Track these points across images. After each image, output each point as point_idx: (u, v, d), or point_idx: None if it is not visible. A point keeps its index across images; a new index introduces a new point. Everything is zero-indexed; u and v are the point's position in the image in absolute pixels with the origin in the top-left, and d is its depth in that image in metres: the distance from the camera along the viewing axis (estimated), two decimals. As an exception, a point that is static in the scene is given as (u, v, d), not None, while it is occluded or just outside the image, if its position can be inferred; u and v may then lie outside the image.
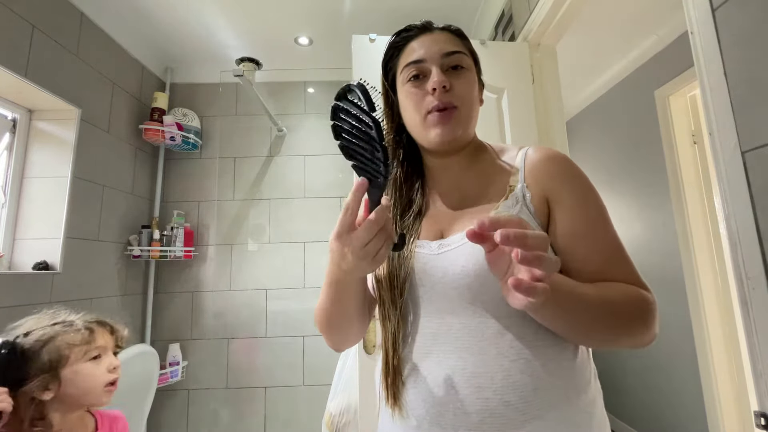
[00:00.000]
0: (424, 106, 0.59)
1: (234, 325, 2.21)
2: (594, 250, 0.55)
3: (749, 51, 0.66)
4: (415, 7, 1.92)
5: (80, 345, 0.85)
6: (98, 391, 0.87)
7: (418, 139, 0.63)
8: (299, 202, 2.34)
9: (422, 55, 0.61)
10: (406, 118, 0.63)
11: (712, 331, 1.86)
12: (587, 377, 0.55)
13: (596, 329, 0.50)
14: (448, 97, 0.59)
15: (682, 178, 2.00)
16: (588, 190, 0.59)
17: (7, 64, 1.40)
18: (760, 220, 0.64)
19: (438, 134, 0.59)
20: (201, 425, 2.12)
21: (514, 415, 0.49)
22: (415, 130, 0.62)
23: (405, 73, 0.62)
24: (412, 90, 0.61)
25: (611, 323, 0.50)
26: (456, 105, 0.59)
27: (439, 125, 0.58)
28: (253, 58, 2.09)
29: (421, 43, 0.62)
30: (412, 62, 0.61)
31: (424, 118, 0.59)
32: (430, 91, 0.59)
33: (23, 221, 1.61)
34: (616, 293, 0.52)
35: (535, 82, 1.48)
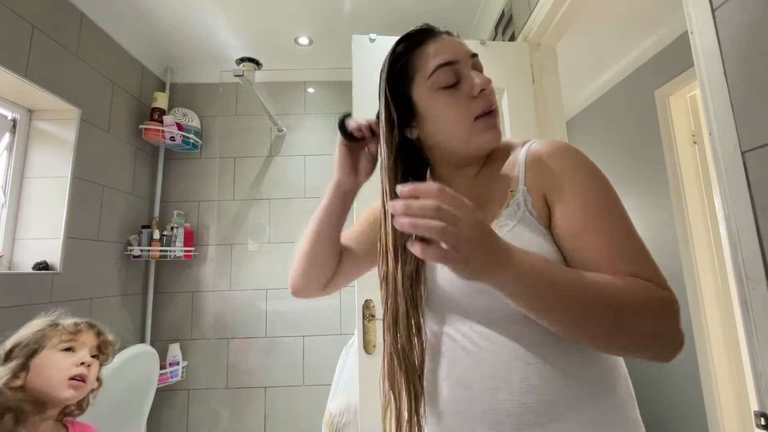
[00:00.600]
0: (470, 111, 0.55)
1: (234, 325, 2.21)
2: (596, 248, 0.48)
3: (749, 51, 0.66)
4: (415, 7, 1.92)
5: (55, 337, 0.85)
6: (61, 383, 0.83)
7: (457, 148, 0.58)
8: (299, 202, 2.34)
9: (454, 56, 0.55)
10: (441, 128, 0.57)
11: (712, 331, 1.86)
12: (614, 381, 0.52)
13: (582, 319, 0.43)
14: (492, 98, 0.56)
15: (682, 178, 2.00)
16: (590, 179, 0.51)
17: (7, 64, 1.40)
18: (760, 220, 0.64)
19: (490, 139, 0.56)
20: (201, 425, 2.12)
21: (532, 416, 0.48)
22: (456, 139, 0.56)
23: (437, 78, 0.55)
24: (450, 97, 0.55)
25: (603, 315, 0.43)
26: (496, 107, 0.57)
27: (492, 130, 0.56)
28: (253, 58, 2.09)
29: (443, 46, 0.56)
30: (444, 64, 0.54)
31: (472, 125, 0.55)
32: (474, 94, 0.55)
33: (23, 221, 1.61)
34: (616, 281, 0.44)
35: (535, 82, 1.48)
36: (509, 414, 0.48)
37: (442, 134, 0.57)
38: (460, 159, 0.60)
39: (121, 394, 1.61)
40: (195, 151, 2.33)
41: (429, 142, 0.59)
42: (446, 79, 0.55)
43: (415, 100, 0.57)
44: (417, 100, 0.57)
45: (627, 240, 0.49)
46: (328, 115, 2.44)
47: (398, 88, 0.58)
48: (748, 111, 0.66)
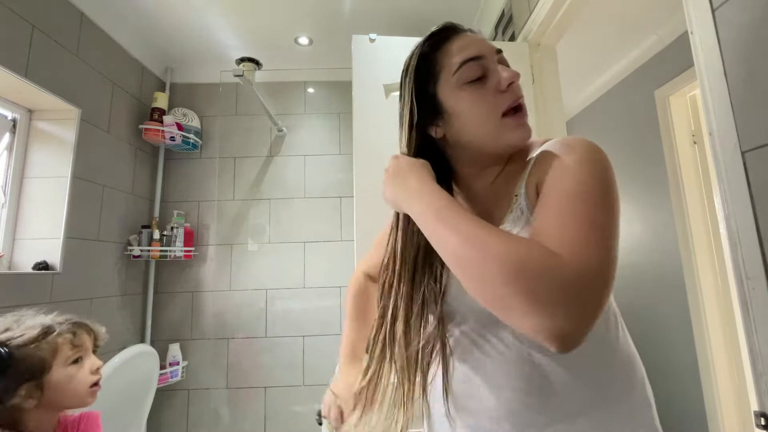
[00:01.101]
0: (498, 106, 0.53)
1: (234, 325, 2.21)
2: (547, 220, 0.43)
3: (749, 51, 0.66)
4: (415, 7, 1.92)
5: (62, 350, 0.85)
6: (83, 394, 0.87)
7: (483, 144, 0.55)
8: (299, 202, 2.34)
9: (481, 51, 0.54)
10: (469, 125, 0.54)
11: (712, 331, 1.86)
12: (629, 385, 0.50)
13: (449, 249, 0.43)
14: (520, 92, 0.54)
15: (682, 178, 2.00)
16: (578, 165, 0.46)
17: (7, 64, 1.40)
18: (760, 220, 0.64)
19: (518, 136, 0.54)
20: (201, 425, 2.12)
21: (536, 416, 0.48)
22: (484, 135, 0.54)
23: (463, 73, 0.53)
24: (477, 92, 0.53)
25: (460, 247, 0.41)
26: (523, 101, 0.55)
27: (521, 126, 0.54)
28: (253, 58, 2.09)
29: (468, 42, 0.55)
30: (472, 58, 0.53)
31: (500, 121, 0.53)
32: (503, 88, 0.53)
33: (23, 221, 1.61)
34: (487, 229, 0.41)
35: (535, 82, 1.48)
36: (513, 413, 0.49)
37: (469, 132, 0.55)
38: (485, 158, 0.57)
39: (121, 394, 1.61)
40: (195, 151, 2.33)
41: (455, 141, 0.57)
42: (472, 73, 0.53)
43: (440, 98, 0.56)
44: (443, 98, 0.55)
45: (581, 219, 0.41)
46: (328, 115, 2.44)
47: (423, 87, 0.56)
48: (748, 111, 0.66)
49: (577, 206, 0.42)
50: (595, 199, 0.42)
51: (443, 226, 0.44)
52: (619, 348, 0.53)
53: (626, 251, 2.49)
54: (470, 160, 0.59)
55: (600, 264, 0.38)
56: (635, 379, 0.52)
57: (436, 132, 0.58)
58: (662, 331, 2.20)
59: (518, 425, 0.48)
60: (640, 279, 2.36)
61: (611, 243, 0.41)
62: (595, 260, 0.38)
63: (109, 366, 1.54)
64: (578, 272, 0.37)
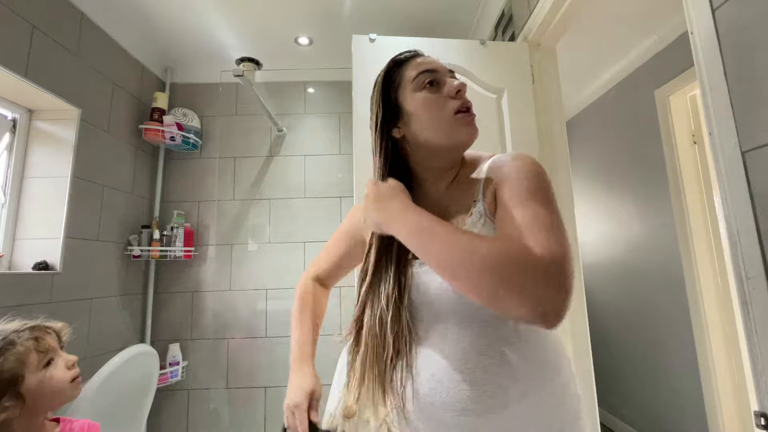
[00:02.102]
0: (450, 107, 0.63)
1: (234, 325, 2.21)
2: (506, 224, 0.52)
3: (749, 51, 0.66)
4: (415, 7, 1.92)
5: (30, 358, 0.84)
6: (66, 390, 0.88)
7: (440, 141, 0.64)
8: (299, 202, 2.34)
9: (434, 67, 0.66)
10: (423, 123, 0.65)
11: (712, 331, 1.86)
12: (560, 365, 0.60)
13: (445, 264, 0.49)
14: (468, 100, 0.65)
15: (682, 178, 2.00)
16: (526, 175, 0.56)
17: (7, 64, 1.40)
18: (760, 220, 0.64)
19: (468, 132, 0.64)
20: (201, 425, 2.12)
21: (495, 402, 0.55)
22: (438, 131, 0.64)
23: (419, 80, 0.65)
24: (430, 95, 0.64)
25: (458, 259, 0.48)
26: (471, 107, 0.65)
27: (470, 124, 0.64)
28: (253, 58, 2.09)
29: (426, 60, 0.68)
30: (426, 71, 0.65)
31: (453, 117, 0.63)
32: (453, 94, 0.64)
33: (23, 221, 1.61)
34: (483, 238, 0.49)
35: (535, 82, 1.48)
36: (475, 401, 0.55)
37: (425, 129, 0.65)
38: (441, 160, 0.67)
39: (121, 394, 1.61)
40: (195, 151, 2.33)
41: (414, 140, 0.66)
42: (428, 80, 0.65)
43: (401, 103, 0.66)
44: (403, 102, 0.66)
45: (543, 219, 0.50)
46: (328, 115, 2.44)
47: (387, 95, 0.68)
48: (748, 111, 0.66)
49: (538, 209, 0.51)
50: (545, 203, 0.53)
51: (432, 240, 0.51)
52: (550, 332, 0.62)
53: (626, 251, 2.49)
54: (428, 162, 0.68)
55: (565, 253, 0.47)
56: (563, 357, 0.62)
57: (398, 133, 0.67)
58: (662, 331, 2.20)
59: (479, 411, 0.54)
60: (640, 279, 2.36)
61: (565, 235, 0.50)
62: (561, 250, 0.46)
63: (109, 366, 1.54)
64: (553, 262, 0.45)
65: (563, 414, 0.58)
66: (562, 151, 1.47)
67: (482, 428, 0.55)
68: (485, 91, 1.44)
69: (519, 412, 0.55)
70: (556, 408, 0.58)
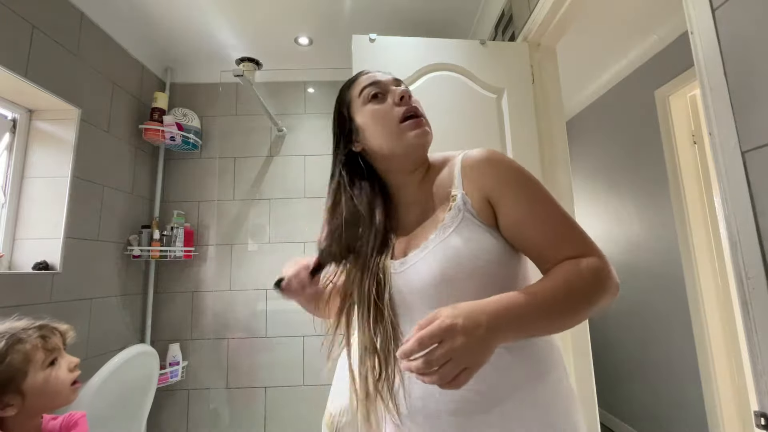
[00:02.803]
0: (395, 115, 0.66)
1: (234, 325, 2.21)
2: (540, 231, 0.58)
3: (749, 51, 0.66)
4: (415, 7, 1.92)
5: (36, 356, 0.85)
6: (65, 393, 0.89)
7: (391, 149, 0.66)
8: (299, 202, 2.34)
9: (376, 79, 0.69)
10: (374, 135, 0.67)
11: (712, 331, 1.86)
12: (551, 359, 0.61)
13: (561, 319, 0.53)
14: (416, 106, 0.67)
15: (682, 178, 2.00)
16: (524, 180, 0.61)
17: (7, 64, 1.40)
18: (760, 220, 0.64)
19: (416, 135, 0.65)
20: (201, 425, 2.12)
21: (484, 400, 0.56)
22: (388, 140, 0.66)
23: (364, 94, 0.68)
24: (376, 107, 0.67)
25: (571, 308, 0.53)
26: (421, 113, 0.68)
27: (417, 128, 0.66)
28: (253, 58, 2.09)
29: (372, 75, 0.70)
30: (369, 84, 0.68)
31: (399, 126, 0.65)
32: (396, 102, 0.66)
33: (23, 221, 1.61)
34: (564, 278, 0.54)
35: (535, 82, 1.48)
36: (466, 401, 0.56)
37: (377, 138, 0.67)
38: (401, 163, 0.68)
39: (121, 394, 1.61)
40: (195, 151, 2.33)
41: (371, 150, 0.69)
42: (372, 93, 0.68)
43: (353, 118, 0.70)
44: (354, 117, 0.70)
45: (561, 224, 0.59)
46: (329, 115, 2.40)
47: (341, 113, 0.72)
48: (748, 111, 0.66)
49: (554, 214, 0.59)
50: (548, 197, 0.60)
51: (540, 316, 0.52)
52: None
53: (626, 251, 2.49)
54: (391, 167, 0.70)
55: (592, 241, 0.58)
56: (555, 354, 0.63)
57: (358, 147, 0.70)
58: (662, 331, 2.20)
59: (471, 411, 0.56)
60: (640, 279, 2.36)
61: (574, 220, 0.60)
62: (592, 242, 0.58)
63: (109, 366, 1.54)
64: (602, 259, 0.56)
65: (556, 409, 0.59)
66: (562, 151, 1.47)
67: (475, 427, 0.56)
68: (485, 91, 1.44)
69: (511, 410, 0.56)
70: (549, 404, 0.58)
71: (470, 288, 0.57)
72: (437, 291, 0.58)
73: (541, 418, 0.57)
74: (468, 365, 0.44)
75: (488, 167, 0.62)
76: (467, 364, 0.44)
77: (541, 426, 0.56)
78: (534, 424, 0.56)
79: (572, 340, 1.34)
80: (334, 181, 0.72)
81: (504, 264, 0.60)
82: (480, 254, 0.58)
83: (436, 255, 0.59)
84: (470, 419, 0.56)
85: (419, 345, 0.44)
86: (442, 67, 1.43)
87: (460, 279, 0.57)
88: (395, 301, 0.63)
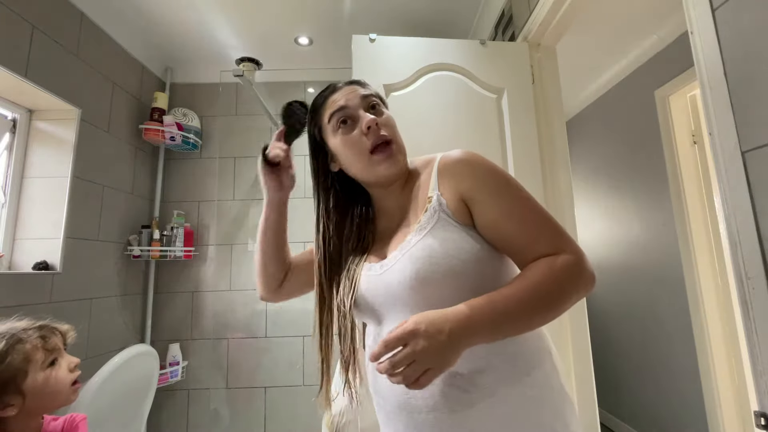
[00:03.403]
0: (364, 146, 0.65)
1: (234, 325, 2.21)
2: (514, 230, 0.59)
3: (749, 51, 0.66)
4: (415, 7, 1.92)
5: (36, 356, 0.85)
6: (65, 393, 0.89)
7: (364, 177, 0.69)
8: (299, 202, 2.32)
9: (344, 103, 0.67)
10: (347, 162, 0.68)
11: (712, 331, 1.86)
12: (538, 355, 0.61)
13: (536, 317, 0.55)
14: (382, 132, 0.66)
15: (682, 178, 2.00)
16: (499, 179, 0.61)
17: (7, 64, 1.40)
18: (760, 220, 0.64)
19: (387, 167, 0.66)
20: (201, 425, 2.12)
21: (466, 395, 0.56)
22: (361, 170, 0.68)
23: (333, 121, 0.68)
24: (345, 137, 0.66)
25: (541, 308, 0.54)
26: (390, 138, 0.66)
27: (386, 160, 0.65)
28: (253, 58, 2.09)
29: (340, 95, 0.69)
30: (337, 110, 0.67)
31: (369, 158, 0.65)
32: (364, 131, 0.65)
33: (23, 221, 1.61)
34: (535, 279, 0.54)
35: (535, 82, 1.48)
36: (447, 397, 0.56)
37: (350, 166, 0.69)
38: (379, 182, 0.69)
39: (121, 394, 1.61)
40: (195, 151, 2.33)
41: (348, 171, 0.70)
42: (339, 122, 0.67)
43: (326, 142, 0.70)
44: (327, 142, 0.70)
45: (535, 221, 0.59)
46: (328, 115, 2.43)
47: (314, 135, 0.73)
48: (748, 111, 0.66)
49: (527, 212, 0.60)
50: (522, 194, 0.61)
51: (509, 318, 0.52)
52: None
53: (626, 251, 2.49)
54: (371, 184, 0.71)
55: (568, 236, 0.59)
56: (544, 350, 0.62)
57: (335, 167, 0.72)
58: (662, 331, 2.20)
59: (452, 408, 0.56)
60: (640, 279, 2.36)
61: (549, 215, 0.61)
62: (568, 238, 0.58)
63: (109, 366, 1.54)
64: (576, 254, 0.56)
65: (545, 409, 0.58)
66: (562, 151, 1.47)
67: (457, 424, 0.56)
68: (485, 91, 1.44)
69: (494, 407, 0.55)
70: (537, 402, 0.57)
71: (447, 288, 0.57)
72: (414, 292, 0.58)
73: (528, 416, 0.56)
74: (431, 366, 0.47)
75: (463, 167, 0.62)
76: (430, 365, 0.47)
77: (529, 423, 0.56)
78: (520, 421, 0.56)
79: (572, 340, 1.34)
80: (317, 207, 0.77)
81: (483, 263, 0.59)
82: (455, 254, 0.58)
83: (412, 256, 0.59)
84: (452, 416, 0.56)
85: (385, 348, 0.48)
86: (442, 67, 1.43)
87: (435, 279, 0.57)
88: (376, 303, 0.64)
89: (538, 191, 1.37)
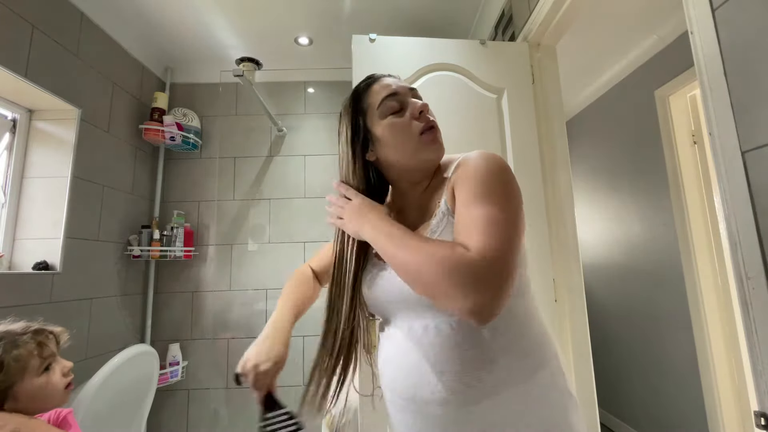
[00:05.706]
0: (415, 129, 0.67)
1: (234, 325, 2.21)
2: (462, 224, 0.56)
3: (749, 51, 0.66)
4: (415, 7, 1.92)
5: (32, 362, 0.86)
6: (59, 396, 0.91)
7: (409, 162, 0.69)
8: (299, 202, 2.34)
9: (395, 89, 0.69)
10: (393, 147, 0.68)
11: (712, 331, 1.86)
12: (544, 356, 0.61)
13: (401, 267, 0.56)
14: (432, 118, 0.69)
15: (682, 178, 2.00)
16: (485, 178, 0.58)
17: (7, 64, 1.40)
18: (760, 220, 0.64)
19: (434, 150, 0.68)
20: (201, 425, 2.12)
21: (472, 392, 0.57)
22: (408, 154, 0.68)
23: (384, 106, 0.68)
24: (396, 121, 0.67)
25: (415, 264, 0.53)
26: (436, 124, 0.69)
27: (434, 143, 0.67)
28: (253, 58, 2.09)
29: (388, 83, 0.70)
30: (391, 94, 0.68)
31: (419, 139, 0.67)
32: (416, 115, 0.67)
33: (23, 221, 1.61)
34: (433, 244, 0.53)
35: (535, 82, 1.48)
36: (454, 392, 0.57)
37: (394, 152, 0.68)
38: (412, 174, 0.70)
39: (121, 394, 1.61)
40: (195, 151, 2.33)
41: (386, 161, 0.70)
42: (391, 106, 0.68)
43: (370, 129, 0.70)
44: (372, 128, 0.70)
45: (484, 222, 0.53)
46: (328, 115, 2.44)
47: (356, 122, 0.71)
48: (748, 111, 0.66)
49: (479, 209, 0.54)
50: (494, 200, 0.55)
51: (396, 245, 0.57)
52: (533, 326, 0.63)
53: (626, 251, 2.49)
54: (401, 178, 0.72)
55: (499, 252, 0.50)
56: (549, 351, 0.63)
57: (372, 156, 0.71)
58: (662, 331, 2.20)
59: (460, 403, 0.57)
60: (640, 279, 2.36)
61: (508, 234, 0.53)
62: (495, 250, 0.50)
63: (109, 366, 1.54)
64: (482, 261, 0.49)
65: (549, 408, 0.59)
66: (562, 151, 1.47)
67: (462, 419, 0.57)
68: (485, 91, 1.44)
69: (499, 404, 0.57)
70: (541, 401, 0.58)
71: None
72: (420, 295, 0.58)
73: (533, 413, 0.57)
74: (343, 218, 0.69)
75: (464, 166, 0.62)
76: (343, 217, 0.69)
77: (533, 420, 0.57)
78: (525, 418, 0.57)
79: (572, 340, 1.34)
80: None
81: None
82: None
83: None
84: (458, 410, 0.57)
85: (334, 201, 0.72)
86: (442, 67, 1.43)
87: None
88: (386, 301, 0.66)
89: (538, 191, 1.37)
